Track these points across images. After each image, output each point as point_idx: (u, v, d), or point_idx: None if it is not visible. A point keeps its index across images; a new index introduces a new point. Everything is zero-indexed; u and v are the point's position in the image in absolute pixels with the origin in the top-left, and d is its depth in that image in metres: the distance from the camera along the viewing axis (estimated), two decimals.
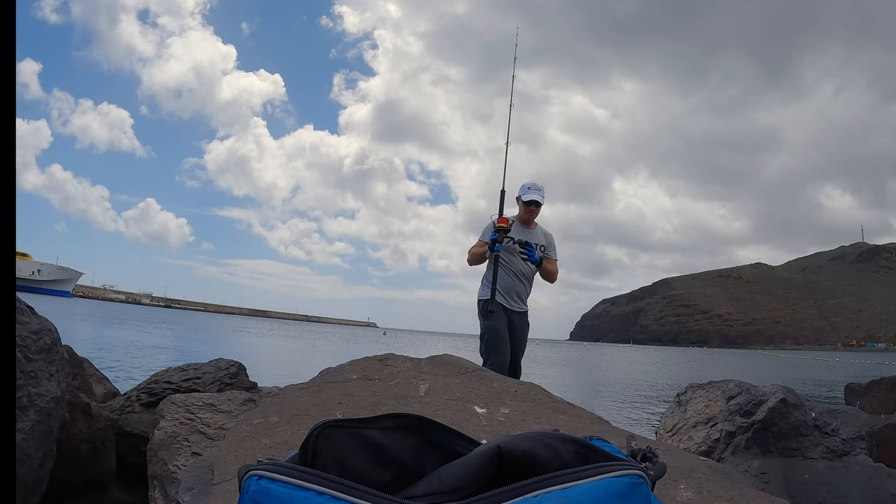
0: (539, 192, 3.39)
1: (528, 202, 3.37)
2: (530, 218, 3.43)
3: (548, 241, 3.53)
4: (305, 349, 19.71)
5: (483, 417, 1.57)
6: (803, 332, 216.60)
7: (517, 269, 3.40)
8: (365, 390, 1.70)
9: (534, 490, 0.49)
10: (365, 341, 30.80)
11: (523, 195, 3.42)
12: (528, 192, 3.39)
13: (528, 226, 3.46)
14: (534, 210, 3.39)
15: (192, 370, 2.38)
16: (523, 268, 3.42)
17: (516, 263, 3.39)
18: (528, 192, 3.39)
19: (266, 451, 1.40)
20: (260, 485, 0.50)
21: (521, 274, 3.42)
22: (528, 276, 3.46)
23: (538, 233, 3.52)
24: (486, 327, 3.31)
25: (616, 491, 0.50)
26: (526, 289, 3.46)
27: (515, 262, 3.39)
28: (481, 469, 0.55)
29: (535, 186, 3.42)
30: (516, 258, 3.38)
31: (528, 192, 3.39)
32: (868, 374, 10.17)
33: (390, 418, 0.62)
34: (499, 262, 3.36)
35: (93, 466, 2.00)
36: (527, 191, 3.40)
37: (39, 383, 1.55)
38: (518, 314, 3.41)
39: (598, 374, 15.40)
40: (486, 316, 3.31)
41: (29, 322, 1.59)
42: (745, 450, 2.31)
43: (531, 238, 3.44)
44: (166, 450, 1.57)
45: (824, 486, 2.10)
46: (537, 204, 3.39)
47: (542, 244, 3.48)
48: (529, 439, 0.57)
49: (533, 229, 3.48)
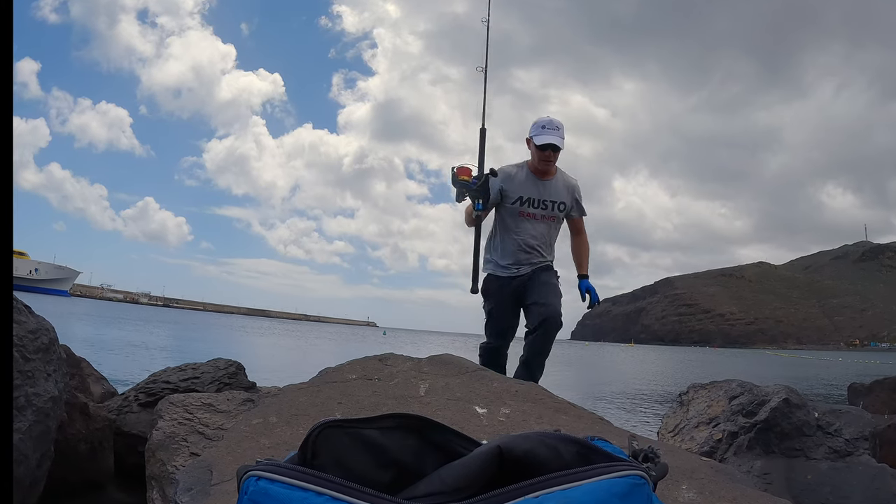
0: (556, 131, 2.57)
1: (543, 146, 2.56)
2: (546, 168, 2.62)
3: (571, 197, 2.71)
4: (305, 349, 19.72)
5: (483, 417, 1.56)
6: (806, 332, 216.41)
7: (527, 235, 2.67)
8: (365, 390, 1.69)
9: (535, 490, 0.49)
10: (364, 341, 30.82)
11: (536, 136, 2.59)
12: (541, 132, 2.57)
13: (544, 177, 2.66)
14: (550, 157, 2.58)
15: (191, 370, 2.38)
16: (537, 232, 2.68)
17: (525, 228, 2.66)
18: (541, 132, 2.57)
19: (265, 451, 1.39)
20: (259, 485, 0.50)
21: (532, 242, 2.68)
22: (543, 242, 2.72)
23: (558, 186, 2.69)
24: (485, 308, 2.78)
25: (618, 492, 0.50)
26: (540, 254, 2.72)
27: (524, 226, 2.66)
28: (482, 469, 0.54)
29: (552, 124, 2.57)
30: (524, 221, 2.66)
31: (543, 132, 2.57)
32: (871, 374, 10.15)
33: (390, 418, 0.61)
34: (499, 226, 2.72)
35: (90, 467, 1.99)
36: (540, 130, 2.58)
37: (37, 383, 1.55)
38: (532, 269, 2.68)
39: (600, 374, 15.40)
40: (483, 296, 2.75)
41: (26, 321, 1.58)
42: (747, 450, 2.29)
43: (547, 194, 2.65)
44: (165, 450, 1.56)
45: (827, 486, 2.09)
46: (555, 149, 2.57)
47: (562, 201, 2.68)
48: (530, 440, 0.56)
49: (549, 181, 2.67)
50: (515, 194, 2.67)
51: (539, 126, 2.61)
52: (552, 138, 2.57)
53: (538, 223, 2.70)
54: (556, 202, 2.69)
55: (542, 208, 2.68)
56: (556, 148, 2.58)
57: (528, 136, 2.65)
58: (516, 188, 2.67)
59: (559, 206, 2.70)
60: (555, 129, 2.58)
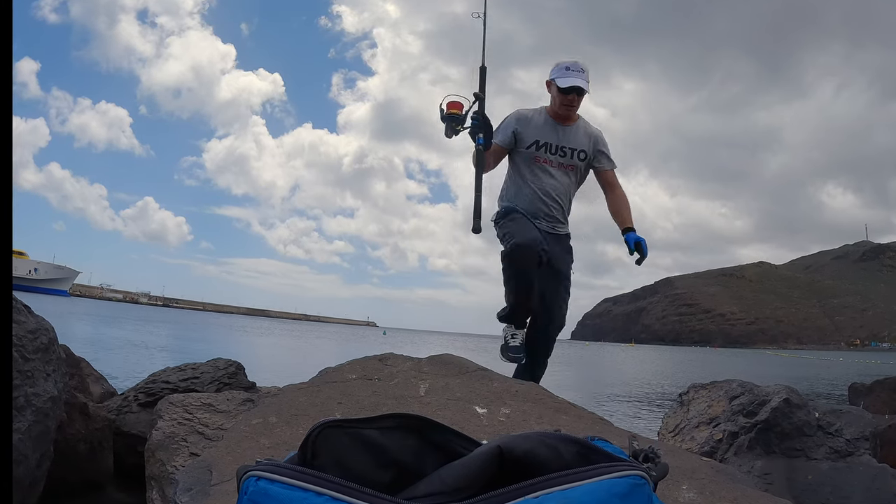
0: (581, 74, 2.35)
1: (567, 90, 2.34)
2: (568, 113, 2.40)
3: (593, 146, 2.49)
4: (304, 349, 19.72)
5: (484, 417, 1.56)
6: (806, 332, 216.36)
7: (545, 185, 2.45)
8: (364, 390, 1.69)
9: (535, 491, 0.49)
10: (364, 341, 30.82)
11: (558, 78, 2.36)
12: (565, 73, 2.36)
13: (564, 122, 2.44)
14: (574, 101, 2.37)
15: (190, 370, 2.38)
16: (556, 183, 2.45)
17: (541, 177, 2.45)
18: (565, 73, 2.36)
19: (265, 451, 1.38)
20: (259, 485, 0.50)
21: (552, 192, 2.45)
22: (562, 195, 2.48)
23: (579, 132, 2.48)
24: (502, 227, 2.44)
25: (618, 492, 0.50)
26: (560, 209, 2.50)
27: (540, 174, 2.44)
28: (482, 469, 0.54)
29: (576, 66, 2.36)
30: (545, 170, 2.43)
31: (567, 73, 2.35)
32: (872, 374, 10.15)
33: (390, 418, 0.61)
34: (513, 174, 2.50)
35: (90, 467, 1.99)
36: (563, 72, 2.36)
37: (36, 383, 1.54)
38: (550, 236, 2.45)
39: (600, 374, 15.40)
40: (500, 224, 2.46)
41: (25, 321, 1.58)
42: (748, 450, 2.29)
43: (566, 140, 2.44)
44: (164, 450, 1.56)
45: (828, 486, 2.09)
46: (579, 92, 2.36)
47: (582, 149, 2.46)
48: (530, 440, 0.56)
49: (570, 127, 2.45)
50: (531, 138, 2.43)
51: (562, 68, 2.37)
52: (577, 81, 2.33)
53: (556, 171, 2.46)
54: (575, 150, 2.45)
55: (559, 155, 2.44)
56: (580, 91, 2.35)
57: (549, 79, 2.40)
58: (532, 132, 2.44)
59: (579, 155, 2.46)
60: (579, 71, 2.35)
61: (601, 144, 2.52)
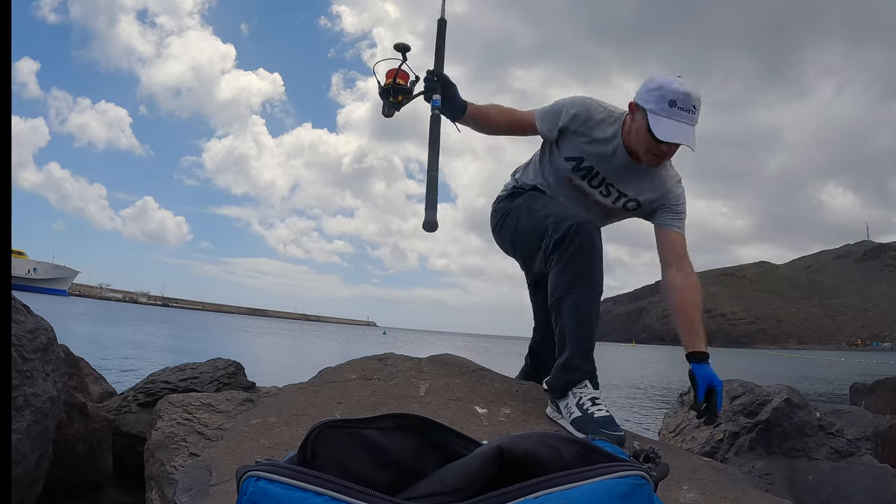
0: (691, 117, 1.55)
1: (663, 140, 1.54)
2: (655, 163, 1.65)
3: (660, 200, 1.72)
4: (304, 349, 19.72)
5: (484, 418, 1.55)
6: (807, 332, 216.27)
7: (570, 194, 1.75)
8: (364, 390, 1.69)
9: (535, 491, 0.49)
10: (364, 340, 30.81)
11: (656, 117, 1.54)
12: (668, 111, 1.53)
13: (639, 161, 1.65)
14: (667, 155, 1.63)
15: (190, 370, 2.37)
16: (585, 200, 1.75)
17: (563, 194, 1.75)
18: (668, 111, 1.53)
19: (264, 451, 1.38)
20: (258, 486, 0.50)
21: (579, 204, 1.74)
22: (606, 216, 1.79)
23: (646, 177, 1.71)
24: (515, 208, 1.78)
25: (618, 492, 0.50)
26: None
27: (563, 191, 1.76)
28: (482, 470, 0.54)
29: (687, 101, 1.53)
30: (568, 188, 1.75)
31: (671, 112, 1.53)
32: (873, 374, 10.13)
33: (390, 418, 0.61)
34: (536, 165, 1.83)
35: (89, 467, 1.99)
36: (666, 108, 1.53)
37: (35, 383, 1.54)
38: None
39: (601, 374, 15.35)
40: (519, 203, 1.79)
41: (24, 321, 1.58)
42: (748, 450, 2.29)
43: (624, 180, 1.71)
44: (164, 450, 1.56)
45: (829, 486, 2.08)
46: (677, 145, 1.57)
47: (637, 198, 1.72)
48: (531, 440, 0.56)
49: (641, 168, 1.68)
50: (577, 151, 1.71)
51: (667, 99, 1.53)
52: (683, 132, 1.54)
53: (586, 200, 1.76)
54: (627, 196, 1.73)
55: (602, 193, 1.73)
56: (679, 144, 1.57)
57: (638, 103, 1.60)
58: (585, 145, 1.70)
59: (628, 204, 1.74)
60: (690, 111, 1.54)
61: (671, 200, 1.73)
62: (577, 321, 1.54)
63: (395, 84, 1.66)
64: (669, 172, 1.76)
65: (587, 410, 1.48)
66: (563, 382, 1.54)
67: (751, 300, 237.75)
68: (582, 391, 1.52)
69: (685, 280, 1.72)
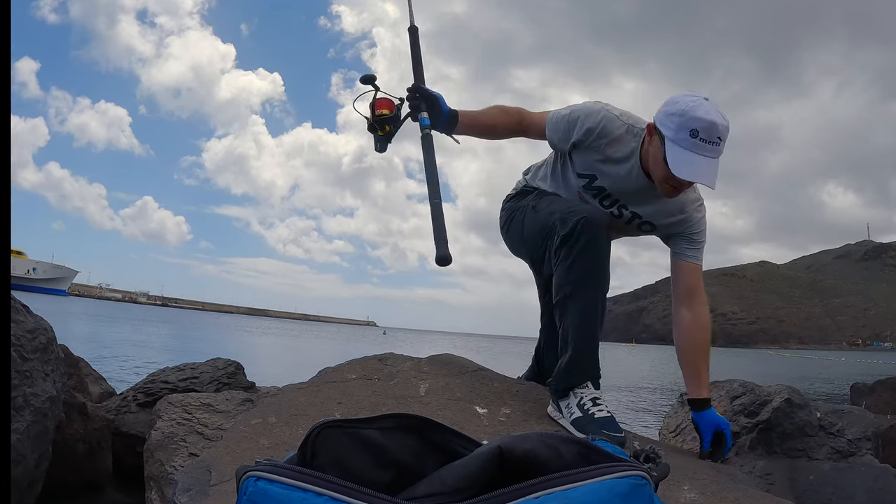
0: (715, 149, 1.38)
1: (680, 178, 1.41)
2: (672, 195, 1.52)
3: (678, 226, 1.63)
4: (304, 348, 19.71)
5: (484, 418, 1.55)
6: (808, 332, 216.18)
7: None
8: (364, 390, 1.68)
9: (535, 491, 0.49)
10: (364, 340, 30.81)
11: (676, 149, 1.38)
12: (689, 142, 1.37)
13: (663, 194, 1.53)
14: (683, 189, 1.51)
15: (190, 370, 2.37)
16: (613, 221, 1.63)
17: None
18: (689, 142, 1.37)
19: (264, 451, 1.38)
20: (258, 486, 0.50)
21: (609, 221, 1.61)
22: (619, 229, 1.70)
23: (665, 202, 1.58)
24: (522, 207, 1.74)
25: (619, 492, 0.50)
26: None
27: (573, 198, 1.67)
28: (482, 470, 0.54)
29: (713, 132, 1.36)
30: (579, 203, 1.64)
31: (693, 145, 1.36)
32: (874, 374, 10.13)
33: (390, 418, 0.61)
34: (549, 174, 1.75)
35: (89, 467, 1.99)
36: (688, 139, 1.37)
37: (35, 383, 1.54)
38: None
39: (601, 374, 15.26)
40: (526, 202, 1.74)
41: (24, 321, 1.58)
42: (749, 450, 2.29)
43: (640, 202, 1.61)
44: (163, 450, 1.55)
45: (829, 486, 2.08)
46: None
47: (652, 222, 1.64)
48: (531, 440, 0.56)
49: (654, 189, 1.54)
50: (591, 169, 1.61)
51: (688, 129, 1.37)
52: (701, 170, 1.39)
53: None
54: (642, 218, 1.64)
55: (614, 214, 1.64)
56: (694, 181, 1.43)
57: (656, 126, 1.44)
58: (598, 160, 1.59)
59: (642, 226, 1.66)
60: (714, 143, 1.37)
61: (690, 228, 1.62)
62: (582, 321, 1.50)
63: (375, 117, 1.57)
64: (690, 196, 1.62)
65: (588, 411, 1.47)
66: (565, 383, 1.53)
67: (751, 300, 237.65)
68: (583, 391, 1.50)
69: (694, 319, 1.64)
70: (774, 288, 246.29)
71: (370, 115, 1.58)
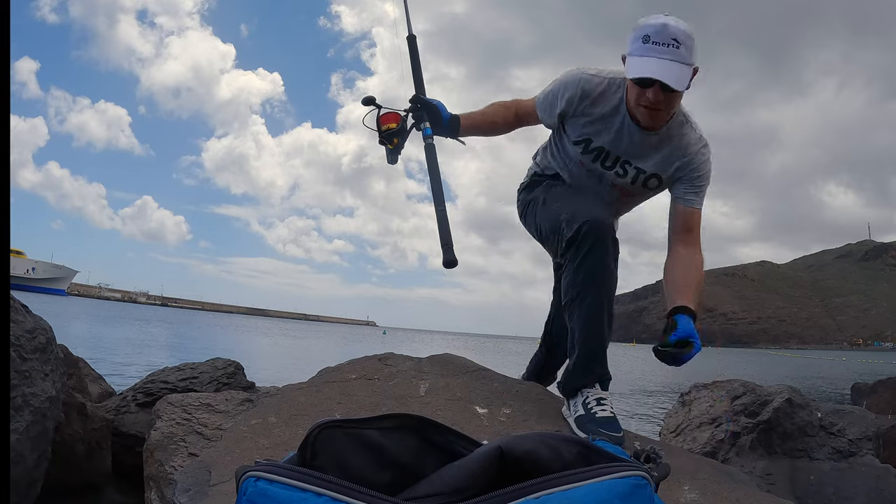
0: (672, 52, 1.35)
1: (641, 81, 1.39)
2: (648, 121, 1.48)
3: (682, 170, 1.56)
4: (304, 348, 19.71)
5: (484, 418, 1.55)
6: (809, 331, 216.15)
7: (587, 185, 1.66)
8: (364, 390, 1.68)
9: (536, 491, 0.49)
10: (364, 340, 30.80)
11: (632, 58, 1.41)
12: (642, 48, 1.38)
13: (647, 126, 1.50)
14: (656, 102, 1.42)
15: (189, 370, 2.37)
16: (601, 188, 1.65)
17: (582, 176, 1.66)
18: (642, 48, 1.38)
19: (264, 451, 1.38)
20: (258, 486, 0.50)
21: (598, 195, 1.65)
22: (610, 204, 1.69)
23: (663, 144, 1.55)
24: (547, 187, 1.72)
25: (619, 492, 0.50)
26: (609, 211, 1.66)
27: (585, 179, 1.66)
28: (482, 470, 0.54)
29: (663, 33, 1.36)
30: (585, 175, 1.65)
31: (646, 50, 1.37)
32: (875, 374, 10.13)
33: (390, 419, 0.61)
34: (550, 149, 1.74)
35: (88, 467, 1.99)
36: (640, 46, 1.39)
37: (34, 383, 1.54)
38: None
39: None
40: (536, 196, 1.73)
41: (23, 321, 1.57)
42: (750, 451, 2.28)
43: (637, 153, 1.56)
44: (163, 451, 1.55)
45: (830, 487, 2.08)
46: (665, 89, 1.38)
47: (657, 173, 1.58)
48: (531, 440, 0.56)
49: (652, 136, 1.53)
50: (584, 132, 1.58)
51: (640, 37, 1.38)
52: (661, 67, 1.34)
53: (602, 188, 1.65)
54: (645, 172, 1.58)
55: (618, 173, 1.60)
56: (665, 88, 1.36)
57: (625, 54, 1.45)
58: (588, 123, 1.56)
59: (649, 181, 1.60)
60: (669, 44, 1.34)
61: (691, 171, 1.56)
62: (589, 323, 1.51)
63: (382, 132, 1.61)
64: (691, 137, 1.56)
65: (591, 410, 1.50)
66: (573, 383, 1.57)
67: (752, 300, 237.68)
68: (590, 391, 1.54)
69: (689, 255, 1.59)
70: (775, 288, 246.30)
71: (378, 132, 1.63)
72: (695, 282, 1.57)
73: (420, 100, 1.65)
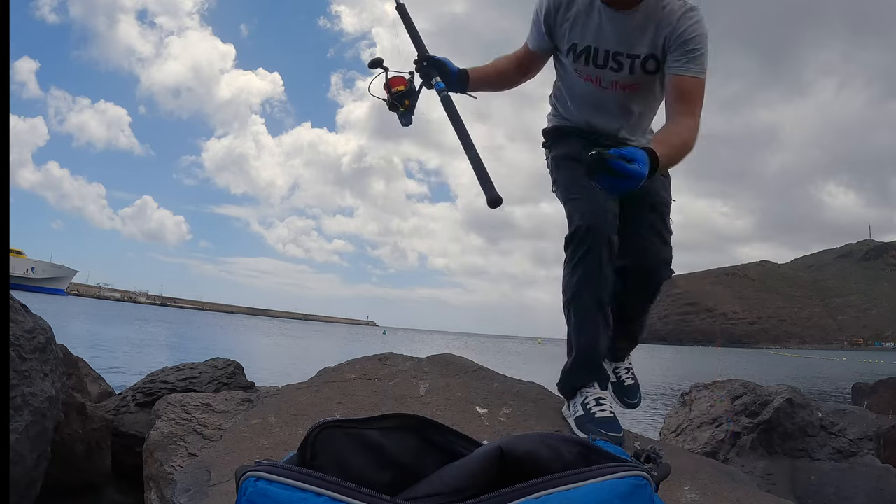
0: None
1: None
2: None
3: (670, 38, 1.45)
4: (304, 348, 19.71)
5: (484, 418, 1.55)
6: (809, 331, 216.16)
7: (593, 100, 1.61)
8: (364, 390, 1.68)
9: (536, 491, 0.48)
10: (364, 340, 30.80)
11: None
12: None
13: (621, 6, 1.46)
14: None
15: (189, 369, 2.36)
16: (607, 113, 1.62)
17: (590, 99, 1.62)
18: None
19: (264, 451, 1.38)
20: (258, 486, 0.50)
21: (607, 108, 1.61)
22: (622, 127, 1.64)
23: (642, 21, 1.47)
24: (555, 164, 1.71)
25: (619, 492, 0.49)
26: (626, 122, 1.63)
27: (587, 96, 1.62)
28: (482, 470, 0.54)
29: None
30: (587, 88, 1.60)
31: None
32: (875, 374, 10.13)
33: (390, 419, 0.61)
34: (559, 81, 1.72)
35: (88, 467, 1.98)
36: None
37: (33, 383, 1.54)
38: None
39: None
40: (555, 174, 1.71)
41: (23, 321, 1.57)
42: (750, 451, 2.28)
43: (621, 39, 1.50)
44: (162, 451, 1.55)
45: (831, 487, 2.08)
46: None
47: (650, 53, 1.49)
48: (531, 440, 0.56)
49: (630, 15, 1.46)
50: (569, 38, 1.56)
51: None
52: None
53: (609, 97, 1.58)
54: (636, 55, 1.50)
55: (612, 69, 1.53)
56: None
57: None
58: (570, 27, 1.54)
59: (644, 64, 1.50)
60: None
61: (679, 36, 1.44)
62: (585, 324, 1.54)
63: (393, 95, 1.57)
64: (674, 5, 1.46)
65: (590, 410, 1.52)
66: (570, 383, 1.59)
67: (752, 300, 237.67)
68: (589, 391, 1.56)
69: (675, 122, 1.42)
70: (776, 287, 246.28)
71: (388, 96, 1.58)
72: (670, 138, 1.39)
73: (426, 57, 1.61)
